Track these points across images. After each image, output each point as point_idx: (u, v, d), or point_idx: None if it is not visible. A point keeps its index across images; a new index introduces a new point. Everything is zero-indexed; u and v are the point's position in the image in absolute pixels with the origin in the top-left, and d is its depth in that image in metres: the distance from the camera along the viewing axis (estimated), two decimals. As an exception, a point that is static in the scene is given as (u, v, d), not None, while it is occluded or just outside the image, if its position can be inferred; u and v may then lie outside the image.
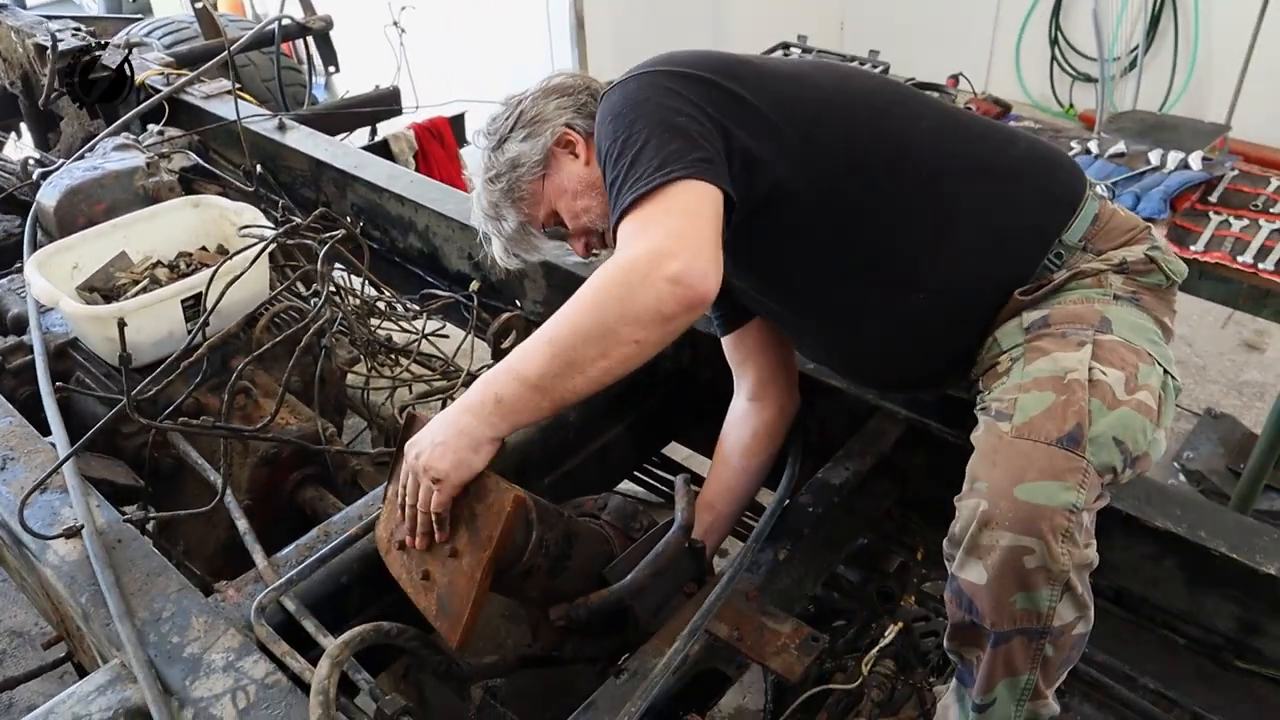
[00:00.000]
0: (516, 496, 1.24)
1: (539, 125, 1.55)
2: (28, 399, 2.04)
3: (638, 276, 1.22)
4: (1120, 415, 1.29)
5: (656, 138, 1.32)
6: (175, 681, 1.29)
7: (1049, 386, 1.31)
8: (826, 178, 1.45)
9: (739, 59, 1.51)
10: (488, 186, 1.60)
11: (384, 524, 1.46)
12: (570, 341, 1.25)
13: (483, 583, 1.26)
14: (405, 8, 3.55)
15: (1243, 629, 1.56)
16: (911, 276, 1.50)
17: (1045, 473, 1.24)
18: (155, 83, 3.29)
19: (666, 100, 1.38)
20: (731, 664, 1.44)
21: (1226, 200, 2.73)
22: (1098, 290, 1.44)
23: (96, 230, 2.27)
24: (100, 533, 1.51)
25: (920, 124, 1.52)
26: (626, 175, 1.32)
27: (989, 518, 1.25)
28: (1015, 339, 1.44)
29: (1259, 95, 4.76)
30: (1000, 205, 1.50)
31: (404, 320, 2.41)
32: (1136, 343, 1.38)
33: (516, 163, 1.56)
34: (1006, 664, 1.30)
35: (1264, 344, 4.05)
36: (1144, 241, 1.50)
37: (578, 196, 1.55)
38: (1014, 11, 5.84)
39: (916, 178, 1.48)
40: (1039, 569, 1.23)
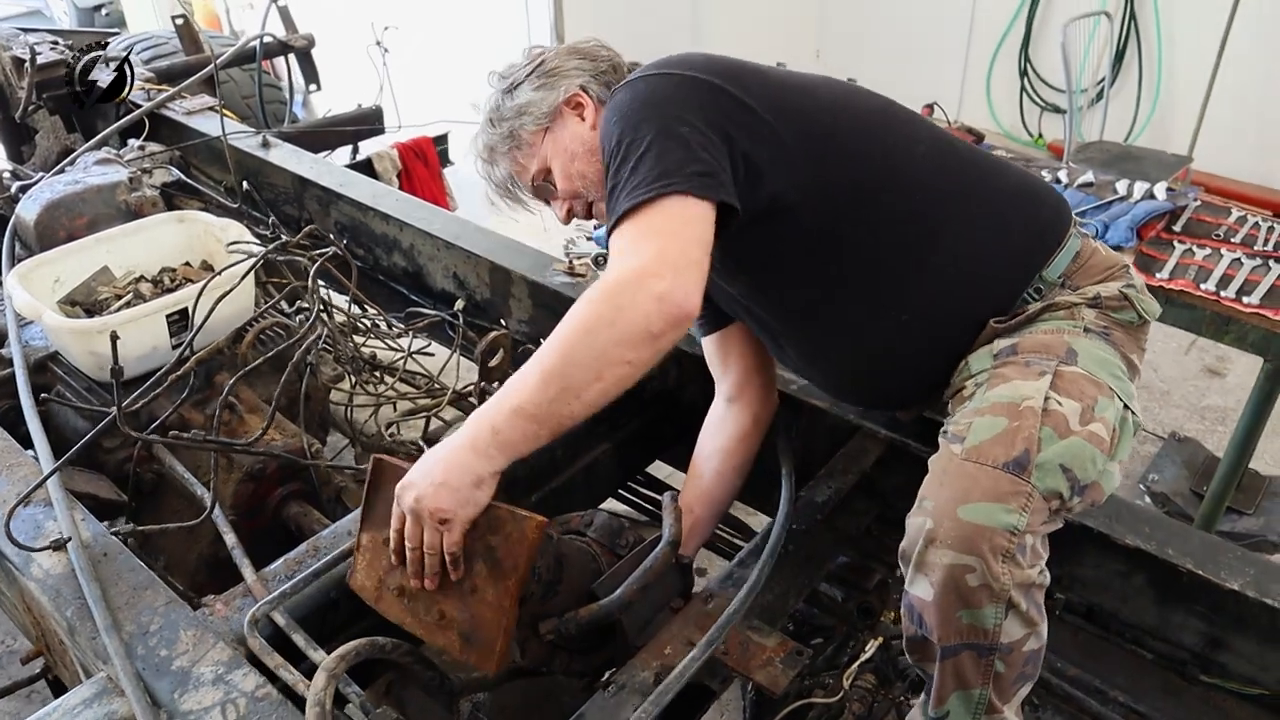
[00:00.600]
0: (539, 522, 1.25)
1: (555, 79, 1.57)
2: (7, 412, 2.03)
3: (626, 297, 1.23)
4: (1070, 444, 1.31)
5: (658, 145, 1.34)
6: (164, 694, 1.29)
7: (1003, 412, 1.34)
8: (824, 195, 1.47)
9: (750, 66, 1.53)
10: (488, 128, 1.62)
11: (365, 572, 1.42)
12: (563, 367, 1.24)
13: (511, 610, 1.27)
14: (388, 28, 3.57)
15: (1208, 644, 1.61)
16: (897, 297, 1.53)
17: (988, 494, 1.27)
18: (136, 97, 3.29)
19: (673, 105, 1.39)
20: (716, 678, 1.47)
21: (1190, 230, 2.82)
22: (1069, 322, 1.48)
23: (79, 244, 2.27)
24: (86, 546, 1.50)
25: (917, 148, 1.55)
26: (625, 181, 1.33)
27: (933, 536, 1.28)
28: (984, 364, 1.47)
29: (1219, 128, 4.90)
30: (987, 235, 1.53)
31: (389, 338, 2.42)
32: (1099, 376, 1.40)
33: (523, 109, 1.57)
34: (957, 677, 1.33)
35: (1225, 370, 4.15)
36: (1120, 279, 1.54)
37: (575, 159, 1.56)
38: (985, 43, 5.97)
39: (909, 201, 1.51)
40: (981, 587, 1.26)
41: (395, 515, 1.30)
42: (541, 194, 1.63)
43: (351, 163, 3.59)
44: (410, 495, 1.27)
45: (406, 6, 5.14)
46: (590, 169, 1.55)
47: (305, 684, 1.29)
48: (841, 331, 1.60)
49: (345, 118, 3.78)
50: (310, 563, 1.51)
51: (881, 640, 1.66)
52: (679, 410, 2.05)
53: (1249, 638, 1.55)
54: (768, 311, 1.65)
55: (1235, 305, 2.50)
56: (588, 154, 1.55)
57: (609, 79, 1.59)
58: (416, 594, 1.35)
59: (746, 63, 1.54)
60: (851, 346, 1.62)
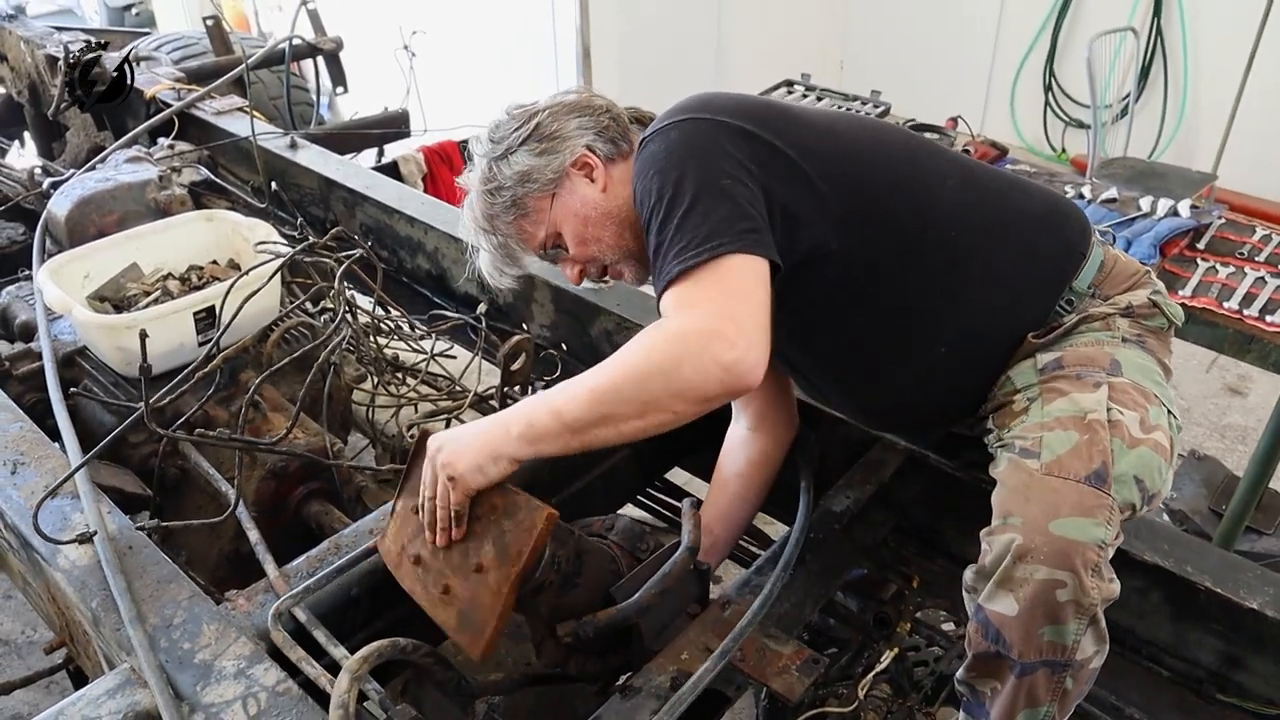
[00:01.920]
0: (550, 514, 1.27)
1: (557, 142, 1.52)
2: (34, 405, 2.06)
3: (690, 354, 1.23)
4: (1139, 454, 1.34)
5: (703, 202, 1.32)
6: (186, 687, 1.30)
7: (1071, 426, 1.35)
8: (859, 238, 1.47)
9: (777, 108, 1.51)
10: (485, 197, 1.56)
11: (393, 538, 1.48)
12: (612, 397, 1.26)
13: (509, 597, 1.28)
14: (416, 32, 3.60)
15: (1225, 662, 1.60)
16: (933, 333, 1.55)
17: (1077, 509, 1.28)
18: (166, 97, 3.33)
19: (710, 157, 1.37)
20: (731, 685, 1.47)
21: (1214, 247, 2.81)
22: (1106, 333, 1.50)
23: (109, 241, 2.30)
24: (112, 539, 1.52)
25: (946, 182, 1.54)
26: (672, 242, 1.31)
27: (1024, 551, 1.27)
28: (1030, 379, 1.48)
29: (1244, 146, 4.88)
30: (1020, 261, 1.55)
31: (412, 340, 2.44)
32: (1145, 384, 1.43)
33: (527, 177, 1.52)
34: (1029, 695, 1.33)
35: (1246, 389, 4.13)
36: (1147, 286, 1.57)
37: (588, 223, 1.53)
38: (1010, 57, 5.97)
39: (943, 238, 1.51)
40: (1070, 602, 1.26)
41: (424, 463, 1.38)
42: (550, 258, 1.61)
43: (377, 165, 3.62)
44: (435, 445, 1.36)
45: (434, 11, 5.19)
46: (606, 233, 1.53)
47: (326, 679, 1.30)
48: (878, 369, 1.61)
49: (372, 120, 3.81)
50: (332, 560, 1.52)
51: (897, 651, 1.66)
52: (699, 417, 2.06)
53: (1267, 657, 1.55)
54: (800, 354, 1.65)
55: (1259, 324, 2.49)
56: (601, 218, 1.52)
57: (613, 134, 1.55)
58: (430, 565, 1.39)
59: (773, 103, 1.54)
60: (889, 381, 1.62)
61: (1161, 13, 5.32)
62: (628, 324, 2.16)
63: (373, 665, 1.30)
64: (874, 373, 1.62)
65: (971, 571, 1.37)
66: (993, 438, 1.50)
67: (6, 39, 3.84)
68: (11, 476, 1.69)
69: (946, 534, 1.84)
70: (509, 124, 1.55)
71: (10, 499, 1.64)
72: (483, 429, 1.34)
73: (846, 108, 3.83)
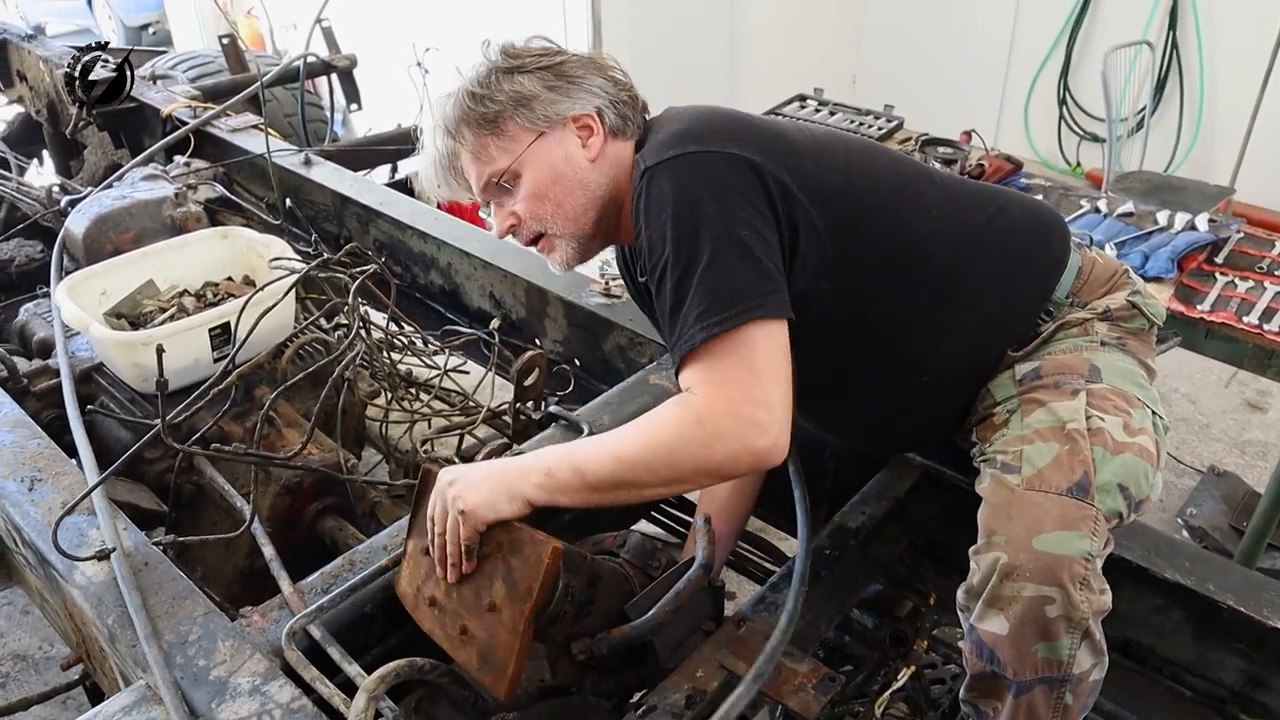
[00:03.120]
0: (555, 549, 1.25)
1: (572, 87, 1.44)
2: (52, 421, 2.07)
3: (724, 440, 1.24)
4: (1123, 461, 1.33)
5: (723, 258, 1.27)
6: (201, 704, 1.30)
7: (1051, 437, 1.35)
8: (850, 279, 1.44)
9: (776, 135, 1.44)
10: (466, 100, 1.44)
11: (407, 579, 1.46)
12: (636, 467, 1.28)
13: (525, 635, 1.27)
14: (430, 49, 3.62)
15: (1248, 682, 1.58)
16: (921, 359, 1.53)
17: (1059, 522, 1.27)
18: (182, 115, 3.36)
19: (726, 202, 1.31)
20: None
21: (1232, 262, 2.79)
22: (1084, 338, 1.49)
23: (125, 258, 2.32)
24: (128, 555, 1.53)
25: (932, 212, 1.50)
26: (693, 303, 1.27)
27: (1010, 569, 1.27)
28: (1008, 391, 1.47)
29: (1262, 159, 4.84)
30: (1006, 284, 1.53)
31: (425, 355, 2.44)
32: (1125, 388, 1.42)
33: (523, 99, 1.42)
34: (1029, 713, 1.32)
35: (1266, 404, 4.09)
36: (1125, 287, 1.54)
37: (559, 182, 1.44)
38: (1024, 71, 5.95)
39: (930, 271, 1.49)
40: (1060, 618, 1.26)
41: (433, 494, 1.35)
42: (488, 193, 1.49)
43: (391, 182, 3.64)
44: (446, 479, 1.34)
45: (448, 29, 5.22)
46: (570, 200, 1.46)
47: (340, 697, 1.30)
48: (864, 398, 1.59)
49: (385, 137, 3.84)
50: (346, 577, 1.52)
51: (914, 669, 1.65)
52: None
53: (1291, 677, 1.53)
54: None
55: (1279, 339, 2.47)
56: (575, 184, 1.45)
57: (625, 111, 1.48)
58: (445, 606, 1.37)
59: (771, 128, 1.46)
60: (874, 410, 1.61)
61: (1177, 25, 5.30)
62: (640, 339, 2.16)
63: (390, 685, 1.30)
64: (860, 401, 1.61)
65: (962, 591, 1.36)
66: (976, 451, 1.49)
67: (25, 59, 3.88)
68: (29, 493, 1.70)
69: (963, 551, 1.81)
70: (530, 47, 1.48)
71: (28, 515, 1.65)
72: (498, 467, 1.33)
73: (860, 122, 3.83)
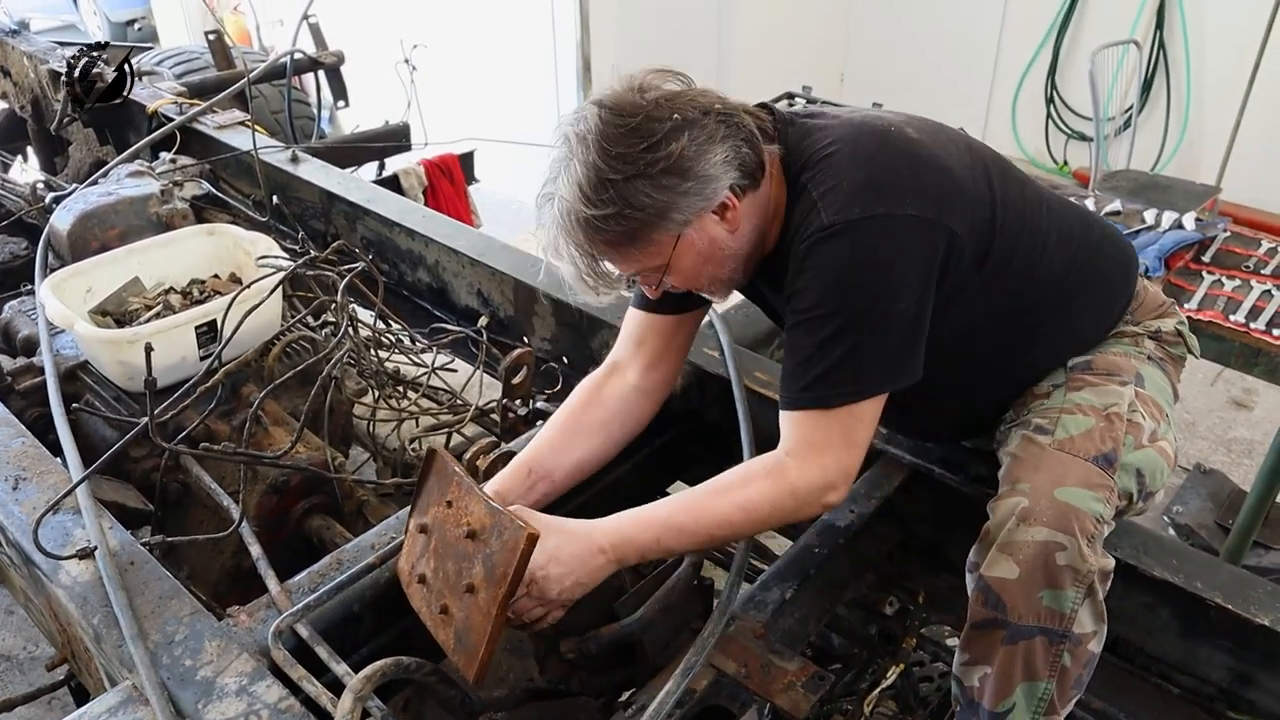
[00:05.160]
0: (531, 534, 1.25)
1: (701, 183, 1.30)
2: (36, 420, 2.05)
3: (809, 507, 1.38)
4: (1146, 454, 1.46)
5: (878, 331, 1.32)
6: (188, 704, 1.29)
7: (1091, 413, 1.45)
8: (977, 311, 1.47)
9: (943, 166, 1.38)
10: (591, 223, 1.30)
11: (405, 557, 1.47)
12: (730, 536, 1.41)
13: (498, 619, 1.27)
14: (417, 46, 3.60)
15: (1236, 680, 1.58)
16: (1001, 378, 1.60)
17: (1082, 481, 1.37)
18: (168, 111, 3.33)
19: (897, 274, 1.31)
20: (736, 701, 1.45)
21: (1219, 260, 2.80)
22: (1135, 349, 1.60)
23: (111, 255, 2.30)
24: (113, 554, 1.51)
25: (1050, 239, 1.53)
26: (833, 365, 1.32)
27: (1028, 514, 1.35)
28: (1058, 374, 1.56)
29: (1248, 159, 4.87)
30: (1097, 313, 1.62)
31: (413, 353, 2.43)
32: (1159, 401, 1.54)
33: (656, 213, 1.29)
34: (1026, 664, 1.37)
35: (1252, 402, 4.11)
36: (1173, 316, 1.68)
37: (709, 263, 1.40)
38: (1011, 70, 5.97)
39: (1039, 302, 1.54)
40: (1067, 567, 1.33)
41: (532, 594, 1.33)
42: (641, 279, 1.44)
43: (378, 179, 3.62)
44: (554, 589, 1.32)
45: (435, 25, 5.20)
46: (722, 272, 1.43)
47: (328, 697, 1.29)
48: (943, 401, 1.63)
49: (373, 134, 3.82)
50: (334, 576, 1.51)
51: (903, 667, 1.65)
52: (702, 430, 2.05)
53: (1278, 674, 1.53)
54: None
55: (1265, 337, 2.49)
56: (725, 259, 1.41)
57: (751, 161, 1.36)
58: (431, 584, 1.38)
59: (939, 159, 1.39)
60: (944, 410, 1.66)
61: (1164, 25, 5.33)
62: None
63: (376, 685, 1.29)
64: (928, 407, 1.64)
65: (974, 549, 1.43)
66: (1009, 416, 1.56)
67: (10, 54, 3.85)
68: (13, 492, 1.68)
69: (952, 549, 1.81)
70: (630, 137, 1.28)
71: (12, 514, 1.64)
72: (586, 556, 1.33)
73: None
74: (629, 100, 1.31)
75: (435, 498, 1.42)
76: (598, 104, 1.32)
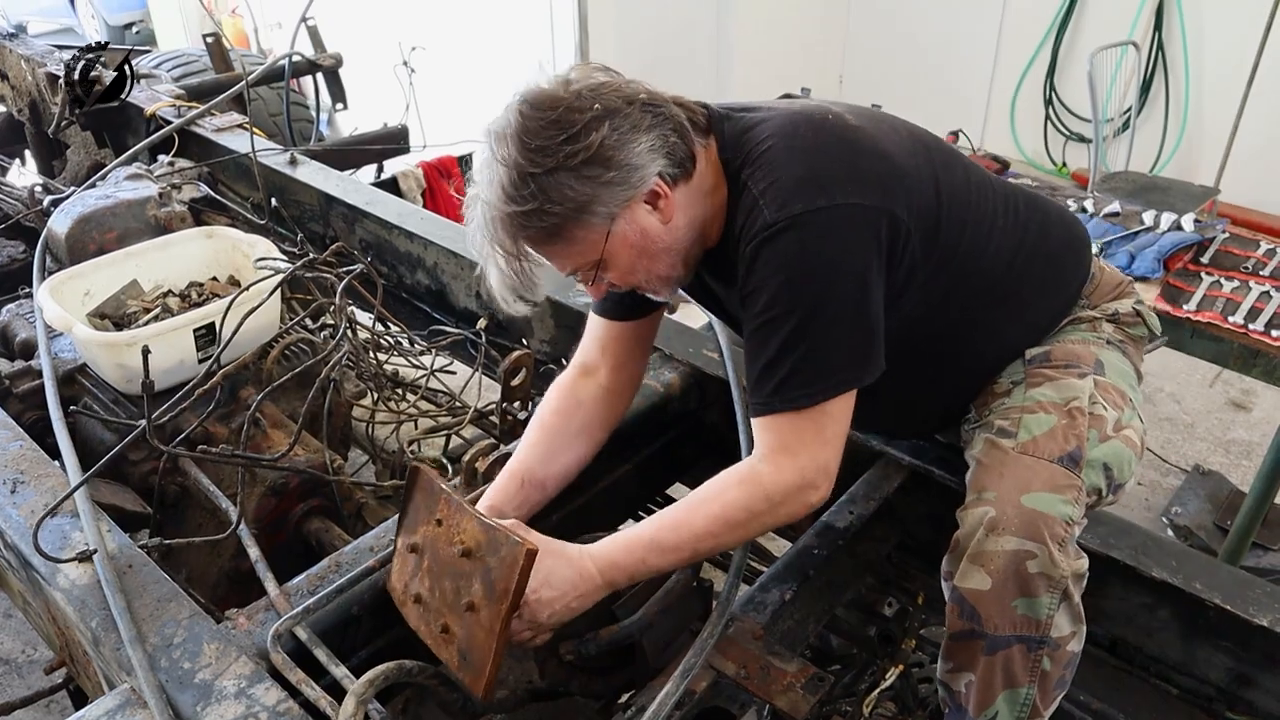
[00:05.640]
0: (530, 550, 1.24)
1: (625, 172, 1.26)
2: (34, 423, 2.05)
3: (788, 508, 1.34)
4: (1112, 446, 1.42)
5: (834, 327, 1.29)
6: (186, 707, 1.29)
7: (1053, 410, 1.43)
8: (927, 289, 1.45)
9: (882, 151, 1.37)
10: (515, 219, 1.26)
11: (397, 576, 1.46)
12: (712, 547, 1.38)
13: (502, 635, 1.27)
14: (415, 48, 3.61)
15: (1235, 680, 1.58)
16: (957, 361, 1.58)
17: (1048, 485, 1.35)
18: (166, 114, 3.33)
19: (846, 266, 1.29)
20: (735, 703, 1.45)
21: (1218, 261, 2.80)
22: (1093, 334, 1.58)
23: (109, 258, 2.30)
24: (112, 557, 1.51)
25: (997, 223, 1.52)
26: (795, 367, 1.29)
27: (995, 523, 1.33)
28: (1016, 368, 1.55)
29: (1247, 161, 4.88)
30: (1048, 293, 1.60)
31: (412, 356, 2.43)
32: (1122, 387, 1.51)
33: (583, 207, 1.25)
34: (1006, 673, 1.36)
35: (1251, 404, 4.11)
36: (1131, 296, 1.65)
37: (644, 255, 1.35)
38: (1010, 71, 5.97)
39: (992, 284, 1.53)
40: (1040, 575, 1.31)
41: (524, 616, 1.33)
42: (575, 276, 1.41)
43: (377, 181, 3.62)
44: (545, 613, 1.33)
45: (434, 28, 5.20)
46: (659, 265, 1.37)
47: (327, 700, 1.29)
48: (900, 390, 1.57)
49: (371, 136, 3.82)
50: (333, 578, 1.51)
51: (902, 668, 1.65)
52: (700, 432, 2.05)
53: (1278, 675, 1.53)
54: None
55: (1264, 338, 2.49)
56: (660, 251, 1.36)
57: (680, 153, 1.32)
58: (429, 604, 1.37)
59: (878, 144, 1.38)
60: (903, 399, 1.62)
61: (1163, 26, 5.33)
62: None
63: (379, 689, 1.29)
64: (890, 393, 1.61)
65: (947, 558, 1.42)
66: (972, 417, 1.56)
67: (7, 57, 3.85)
68: (11, 495, 1.68)
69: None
70: (550, 130, 1.24)
71: (10, 518, 1.64)
72: (579, 581, 1.33)
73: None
74: (549, 94, 1.27)
75: (424, 516, 1.41)
76: (520, 99, 1.27)
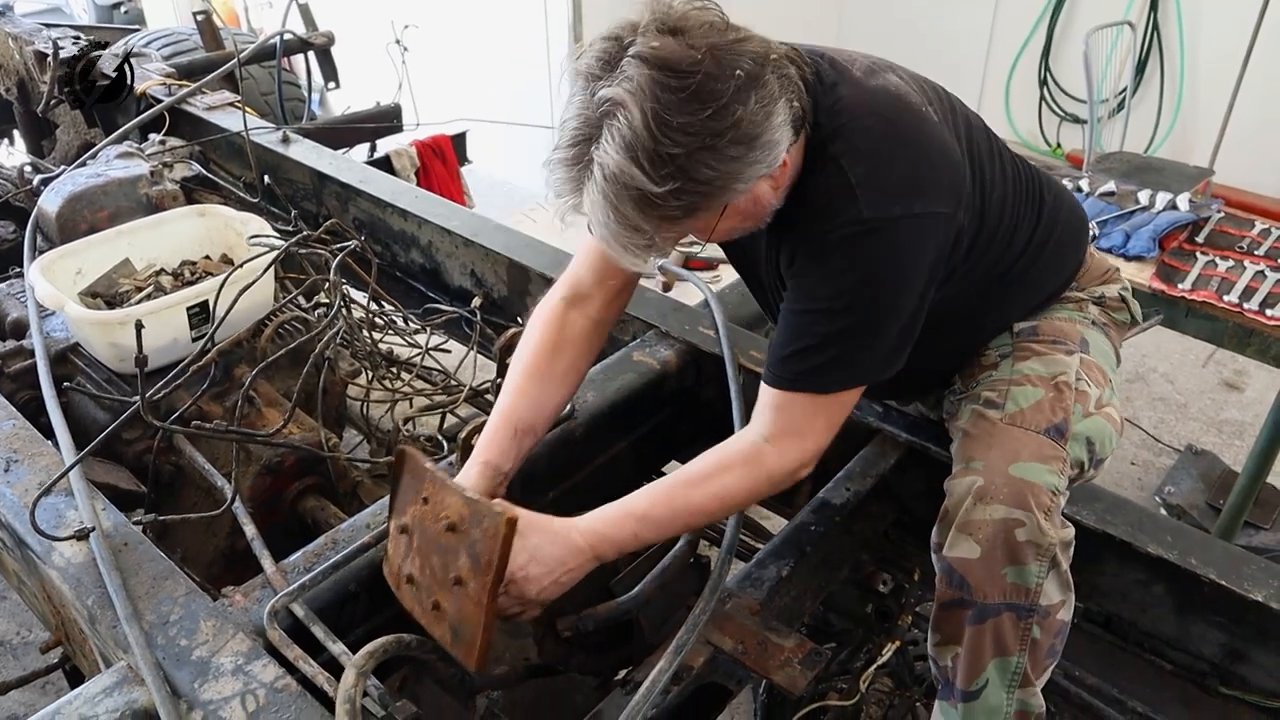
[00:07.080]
0: (510, 518, 1.24)
1: (764, 150, 1.16)
2: (27, 402, 2.04)
3: (780, 485, 1.38)
4: (1094, 421, 1.47)
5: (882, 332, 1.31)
6: (183, 684, 1.29)
7: (1040, 384, 1.46)
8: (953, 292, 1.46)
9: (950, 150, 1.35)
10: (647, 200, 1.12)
11: (391, 559, 1.45)
12: (708, 519, 1.43)
13: (489, 606, 1.26)
14: (408, 26, 3.58)
15: (1229, 656, 1.60)
16: (955, 334, 1.58)
17: (1035, 455, 1.38)
18: (157, 93, 3.30)
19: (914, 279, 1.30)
20: (732, 678, 1.46)
21: (1213, 241, 2.80)
22: (1079, 314, 1.63)
23: (101, 236, 2.28)
24: (107, 536, 1.51)
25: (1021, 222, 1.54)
26: (832, 357, 1.31)
27: (984, 492, 1.36)
28: (1004, 340, 1.58)
29: (1241, 141, 4.88)
30: (1050, 274, 1.63)
31: (406, 334, 2.42)
32: (1104, 367, 1.56)
33: (721, 186, 1.15)
34: (996, 641, 1.37)
35: (1243, 384, 4.13)
36: (1117, 282, 1.71)
37: (746, 219, 1.29)
38: (1005, 51, 5.95)
39: (1004, 272, 1.54)
40: (1028, 543, 1.34)
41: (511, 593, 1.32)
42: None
43: (370, 160, 3.60)
44: (534, 589, 1.32)
45: (426, 6, 5.16)
46: (748, 225, 1.32)
47: (324, 676, 1.29)
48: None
49: (364, 115, 3.79)
50: (329, 555, 1.51)
51: (898, 644, 1.66)
52: (697, 409, 2.05)
53: (1271, 650, 1.54)
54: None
55: (1259, 318, 2.49)
56: (760, 215, 1.30)
57: (798, 116, 1.25)
58: (420, 582, 1.37)
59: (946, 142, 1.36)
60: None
61: (1158, 7, 5.32)
62: (624, 317, 2.14)
63: (379, 661, 1.29)
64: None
65: (935, 529, 1.44)
66: (957, 388, 1.58)
67: (-5, 36, 3.80)
68: (5, 475, 1.67)
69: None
70: (691, 104, 1.10)
71: (4, 497, 1.63)
72: (567, 556, 1.32)
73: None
74: (679, 54, 1.11)
75: (411, 497, 1.41)
76: (640, 59, 1.11)
